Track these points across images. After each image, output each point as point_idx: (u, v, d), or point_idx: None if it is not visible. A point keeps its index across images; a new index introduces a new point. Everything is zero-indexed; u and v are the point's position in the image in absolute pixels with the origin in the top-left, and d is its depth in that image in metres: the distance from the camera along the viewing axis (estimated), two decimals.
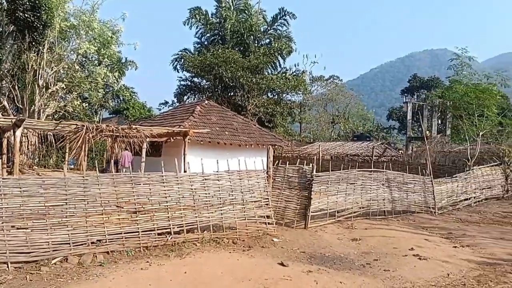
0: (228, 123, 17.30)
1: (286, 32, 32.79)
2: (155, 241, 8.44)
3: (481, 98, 18.93)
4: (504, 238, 11.24)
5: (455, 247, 10.10)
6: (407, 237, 10.70)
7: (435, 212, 14.58)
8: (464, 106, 19.64)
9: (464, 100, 19.38)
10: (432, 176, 15.26)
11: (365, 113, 56.87)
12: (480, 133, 19.62)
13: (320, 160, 24.12)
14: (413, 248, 9.41)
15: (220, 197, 9.53)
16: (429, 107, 33.21)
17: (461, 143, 23.87)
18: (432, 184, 14.96)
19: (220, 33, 32.66)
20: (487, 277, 7.73)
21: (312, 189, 11.43)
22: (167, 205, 8.75)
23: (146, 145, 12.66)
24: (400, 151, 33.24)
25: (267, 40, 33.27)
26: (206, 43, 33.73)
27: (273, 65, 32.30)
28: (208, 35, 33.83)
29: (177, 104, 31.25)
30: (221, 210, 9.49)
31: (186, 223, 8.91)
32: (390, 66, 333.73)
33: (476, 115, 19.73)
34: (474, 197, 17.07)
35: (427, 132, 31.52)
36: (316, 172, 11.90)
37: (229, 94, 31.33)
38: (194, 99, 32.54)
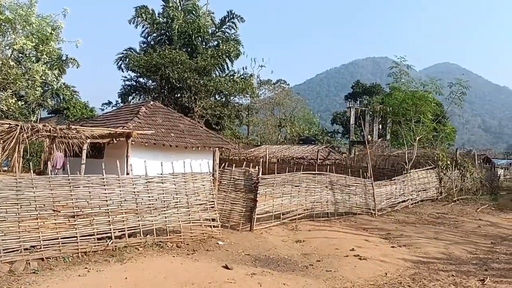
0: (174, 125, 17.04)
1: (234, 35, 32.91)
2: (95, 246, 8.12)
3: (417, 105, 20.00)
4: (437, 237, 11.89)
5: (393, 247, 10.55)
6: (348, 238, 11.03)
7: (375, 214, 15.16)
8: (403, 112, 20.65)
9: (402, 106, 20.38)
10: (372, 179, 15.86)
11: (311, 117, 58.18)
12: (417, 138, 20.68)
13: (267, 163, 24.37)
14: (354, 249, 9.71)
15: (164, 200, 9.34)
16: (370, 113, 34.61)
17: (400, 147, 25.00)
18: (372, 186, 15.55)
19: (167, 33, 32.12)
20: (421, 275, 8.13)
21: (258, 191, 11.49)
22: (108, 209, 8.44)
23: (87, 147, 12.16)
24: (343, 155, 34.32)
25: (215, 42, 33.18)
26: (152, 43, 33.02)
27: (221, 68, 32.25)
28: (154, 34, 33.16)
29: (121, 104, 30.32)
30: (165, 213, 9.30)
31: (128, 227, 8.65)
32: (335, 72, 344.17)
33: (413, 121, 20.80)
34: (411, 199, 17.94)
35: (369, 136, 32.83)
36: (262, 174, 11.99)
37: (176, 95, 30.89)
38: (139, 99, 31.75)
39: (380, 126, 36.37)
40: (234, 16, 32.47)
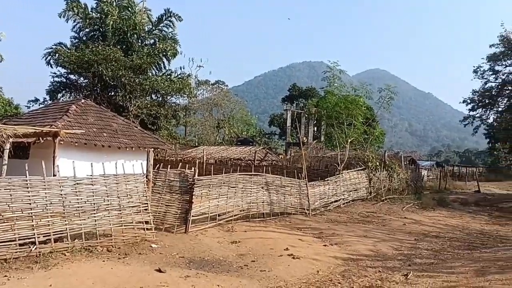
0: (107, 124, 16.35)
1: (171, 33, 32.22)
2: (16, 252, 7.61)
3: (349, 108, 20.88)
4: (366, 235, 12.46)
5: (325, 245, 10.90)
6: (283, 238, 11.23)
7: (309, 213, 15.57)
8: (335, 115, 21.44)
9: (335, 110, 21.18)
10: (307, 179, 16.29)
11: (249, 118, 58.57)
12: (349, 140, 21.56)
13: (204, 164, 24.16)
14: (288, 248, 9.90)
15: (94, 203, 8.96)
16: (306, 115, 35.56)
17: (333, 149, 25.88)
18: (307, 187, 15.96)
19: (101, 29, 30.77)
20: (351, 271, 8.47)
21: (194, 193, 11.38)
22: (31, 212, 7.94)
23: (9, 146, 11.33)
24: (280, 156, 34.89)
25: (152, 41, 32.26)
26: (84, 38, 31.44)
27: (157, 66, 31.42)
28: (87, 30, 31.60)
29: (50, 102, 28.61)
30: (95, 216, 8.91)
31: (54, 232, 8.18)
32: (273, 74, 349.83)
33: (345, 124, 21.66)
34: (343, 199, 18.64)
35: (304, 138, 33.70)
36: (199, 176, 11.88)
37: (110, 93, 29.67)
38: (69, 97, 30.07)
39: (315, 128, 37.46)
40: (172, 14, 31.79)
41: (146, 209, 9.99)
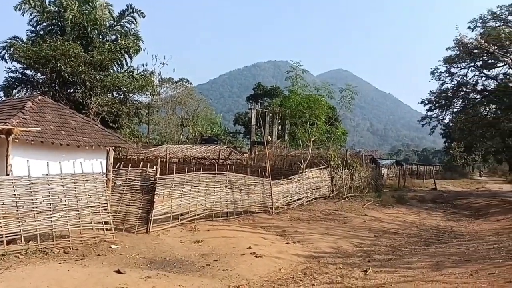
0: (66, 122, 15.83)
1: (134, 30, 31.56)
2: None
3: (312, 108, 21.17)
4: (328, 233, 12.67)
5: (288, 243, 10.99)
6: (246, 237, 11.24)
7: (272, 212, 15.65)
8: (299, 115, 21.69)
9: (299, 109, 21.42)
10: (270, 178, 16.37)
11: (213, 117, 58.27)
12: (312, 139, 21.84)
13: (167, 163, 23.84)
14: (251, 247, 9.91)
15: (50, 203, 8.64)
16: (271, 114, 35.64)
17: (297, 148, 26.15)
18: (270, 185, 16.05)
19: (60, 23, 29.72)
20: (312, 269, 8.59)
21: (156, 192, 11.18)
22: None
23: None
24: (245, 155, 34.90)
25: (113, 37, 31.47)
26: (42, 32, 30.27)
27: (119, 63, 30.67)
28: (44, 24, 30.44)
29: (4, 98, 27.38)
30: (51, 217, 8.60)
31: (6, 233, 7.84)
32: (238, 73, 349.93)
33: (308, 123, 21.94)
34: (306, 197, 18.86)
35: (269, 137, 33.80)
36: (161, 175, 11.70)
37: (69, 90, 28.75)
38: (25, 93, 28.90)
39: (280, 127, 37.65)
40: (134, 10, 31.09)
41: (105, 209, 9.74)
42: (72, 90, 28.76)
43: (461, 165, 67.33)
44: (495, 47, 14.11)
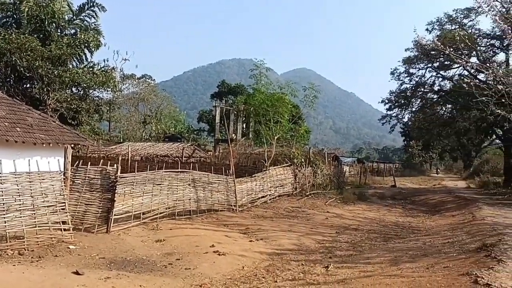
0: (21, 119, 15.13)
1: (94, 24, 30.60)
2: None
3: (276, 106, 21.31)
4: (291, 230, 12.79)
5: (251, 241, 11.01)
6: (209, 235, 11.17)
7: (236, 210, 15.65)
8: (263, 113, 21.78)
9: (262, 107, 21.50)
10: (234, 176, 16.35)
11: (177, 114, 57.63)
12: (275, 137, 21.99)
13: (130, 161, 23.37)
14: (214, 245, 9.86)
15: (3, 203, 8.28)
16: (235, 112, 35.61)
17: (261, 146, 26.26)
18: (234, 183, 16.03)
19: (15, 15, 28.42)
20: (275, 266, 8.64)
21: (117, 191, 10.94)
22: None
23: None
24: (209, 153, 34.70)
25: (73, 31, 30.36)
26: None
27: (78, 58, 29.64)
28: None
29: None
30: (4, 217, 8.24)
31: None
32: (202, 70, 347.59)
33: (272, 121, 22.07)
34: (270, 195, 18.97)
35: (233, 135, 33.76)
36: (123, 173, 11.46)
37: (25, 85, 27.57)
38: None
39: (244, 125, 37.68)
40: (95, 4, 30.15)
41: (63, 209, 9.43)
42: (28, 86, 27.60)
43: (419, 162, 69.64)
44: (451, 49, 14.61)
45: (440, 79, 35.53)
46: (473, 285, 6.11)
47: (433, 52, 29.37)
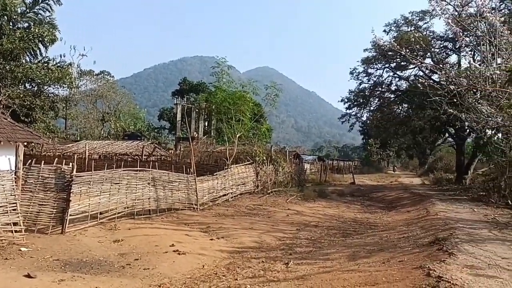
0: None
1: (49, 18, 29.44)
2: None
3: (237, 104, 21.28)
4: (252, 228, 12.82)
5: (212, 239, 10.96)
6: (169, 234, 11.02)
7: (197, 208, 15.52)
8: (224, 111, 21.69)
9: (224, 105, 21.42)
10: (195, 174, 16.21)
11: (137, 112, 56.41)
12: (237, 135, 21.97)
13: (87, 160, 22.69)
14: (174, 244, 9.74)
15: None
16: (197, 110, 35.32)
17: (223, 144, 26.17)
18: (195, 182, 15.89)
19: None
20: (235, 264, 8.64)
21: (72, 190, 10.60)
22: None
23: None
24: (170, 151, 34.23)
25: (26, 24, 29.14)
26: None
27: (32, 53, 28.47)
28: None
29: None
30: None
31: None
32: (163, 67, 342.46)
33: (234, 119, 22.04)
34: (231, 193, 18.95)
35: (195, 133, 33.48)
36: (80, 172, 11.13)
37: None
38: None
39: (206, 123, 37.42)
40: None
41: (14, 209, 9.05)
42: None
43: (377, 160, 71.54)
44: (407, 50, 15.11)
45: (397, 79, 36.69)
46: (426, 277, 6.33)
47: (390, 53, 30.26)
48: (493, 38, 10.76)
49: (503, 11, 24.12)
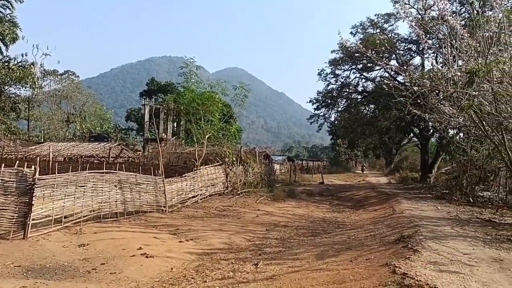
0: None
1: (10, 16, 28.48)
2: None
3: (206, 105, 21.15)
4: (222, 229, 12.76)
5: (181, 241, 10.82)
6: (136, 237, 10.82)
7: (166, 210, 15.31)
8: (193, 111, 21.52)
9: (193, 106, 21.25)
10: (164, 176, 15.99)
11: (104, 113, 55.31)
12: (206, 136, 21.84)
13: (51, 162, 22.03)
14: (142, 248, 9.56)
15: None
16: (165, 111, 34.92)
17: (192, 145, 25.97)
18: (163, 183, 15.68)
19: None
20: (204, 266, 8.57)
21: (35, 194, 10.23)
22: None
23: None
24: (138, 152, 33.70)
25: None
26: None
27: None
28: None
29: None
30: None
31: None
32: (131, 67, 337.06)
33: (203, 120, 21.90)
34: (201, 194, 18.80)
35: (163, 134, 33.09)
36: (43, 174, 10.74)
37: None
38: None
39: (175, 124, 37.07)
40: None
41: None
42: None
43: (346, 160, 72.82)
44: (373, 52, 15.45)
45: (364, 80, 37.39)
46: (392, 274, 6.48)
47: (357, 55, 30.85)
48: (454, 41, 11.17)
49: (463, 14, 25.06)
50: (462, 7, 25.82)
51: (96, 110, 52.24)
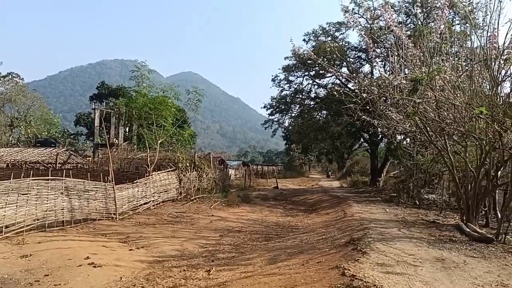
0: None
1: None
2: None
3: (159, 109, 20.79)
4: (174, 236, 12.54)
5: (131, 249, 10.51)
6: (84, 246, 10.40)
7: (116, 218, 14.85)
8: (145, 116, 21.08)
9: (144, 110, 20.82)
10: (114, 182, 15.52)
11: (51, 117, 53.03)
12: (159, 141, 21.44)
13: None
14: (89, 257, 9.19)
15: None
16: (116, 115, 33.96)
17: (144, 150, 25.42)
18: (114, 190, 15.22)
19: None
20: (155, 274, 8.37)
21: None
22: None
23: None
24: (88, 158, 32.55)
25: None
26: None
27: None
28: None
29: None
30: None
31: None
32: (81, 70, 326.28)
33: (155, 125, 21.49)
34: (153, 201, 18.41)
35: (115, 139, 32.16)
36: None
37: None
38: None
39: (127, 129, 36.16)
40: None
41: None
42: None
43: (299, 165, 73.87)
44: (325, 59, 15.82)
45: (316, 86, 38.16)
46: (341, 277, 6.61)
47: (310, 62, 31.42)
48: (400, 50, 11.66)
49: (409, 25, 26.21)
50: (407, 18, 26.98)
51: (42, 114, 49.99)
